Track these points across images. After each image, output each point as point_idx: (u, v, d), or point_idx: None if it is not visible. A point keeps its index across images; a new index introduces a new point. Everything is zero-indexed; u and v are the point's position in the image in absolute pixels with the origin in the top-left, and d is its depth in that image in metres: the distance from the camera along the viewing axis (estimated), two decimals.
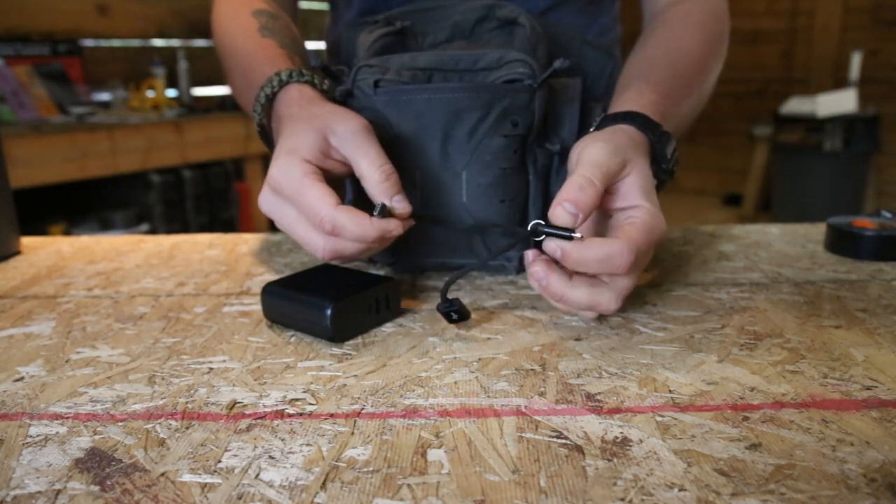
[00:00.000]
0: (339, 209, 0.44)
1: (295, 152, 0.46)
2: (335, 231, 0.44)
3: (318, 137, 0.47)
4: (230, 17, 0.64)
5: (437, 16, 0.62)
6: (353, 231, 0.44)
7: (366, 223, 0.44)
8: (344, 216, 0.44)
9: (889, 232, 0.60)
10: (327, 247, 0.45)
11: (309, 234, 0.46)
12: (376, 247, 0.47)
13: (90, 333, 0.47)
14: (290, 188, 0.45)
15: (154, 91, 2.64)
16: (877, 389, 0.37)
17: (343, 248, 0.45)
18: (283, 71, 0.53)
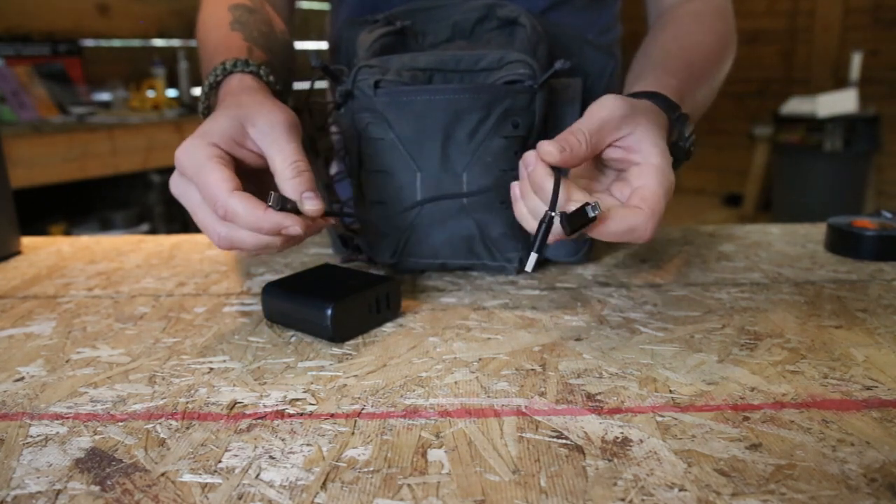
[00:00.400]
0: (235, 194, 0.42)
1: (204, 135, 0.45)
2: (228, 216, 0.42)
3: (235, 125, 0.45)
4: (210, 11, 0.64)
5: (437, 15, 0.62)
6: (245, 219, 0.42)
7: (259, 213, 0.42)
8: (238, 202, 0.42)
9: (889, 232, 0.60)
10: (222, 234, 0.43)
11: (207, 218, 0.44)
12: (276, 243, 0.44)
13: (90, 333, 0.47)
14: (192, 170, 0.43)
15: (154, 91, 2.64)
16: (877, 389, 0.37)
17: (238, 239, 0.43)
18: (228, 61, 0.52)
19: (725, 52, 0.64)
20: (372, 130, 0.53)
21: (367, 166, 0.55)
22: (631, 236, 0.41)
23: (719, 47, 0.63)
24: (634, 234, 0.41)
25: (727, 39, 0.65)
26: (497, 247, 0.55)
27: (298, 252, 0.66)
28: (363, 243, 0.59)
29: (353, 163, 0.56)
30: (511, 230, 0.55)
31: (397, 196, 0.54)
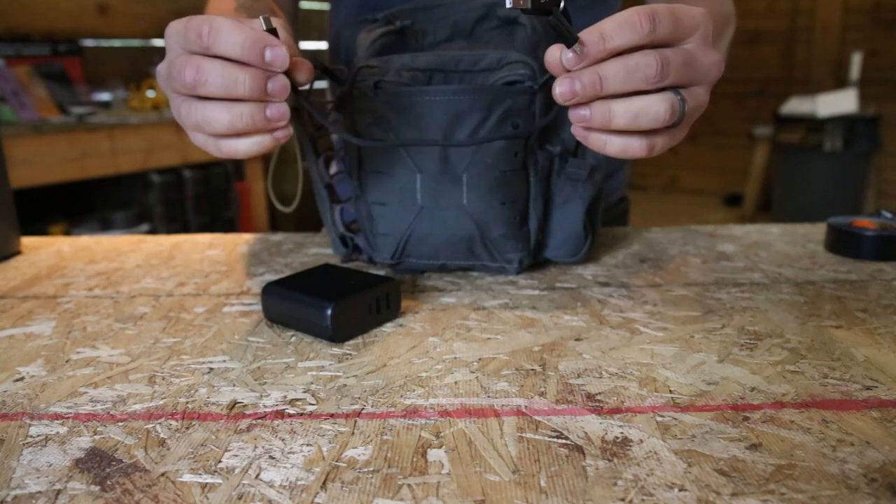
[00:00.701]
0: (223, 17, 0.39)
1: None
2: (210, 37, 0.38)
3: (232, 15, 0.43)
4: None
5: (437, 14, 0.62)
6: (228, 33, 0.38)
7: (245, 28, 0.38)
8: (223, 20, 0.38)
9: (889, 232, 0.60)
10: (190, 63, 0.39)
11: (180, 58, 0.40)
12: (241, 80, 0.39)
13: (90, 333, 0.47)
14: (179, 25, 0.40)
15: (154, 91, 2.64)
16: (877, 389, 0.37)
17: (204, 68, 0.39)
18: None
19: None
20: (372, 131, 0.53)
21: (366, 167, 0.55)
22: (630, 28, 0.38)
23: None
24: (631, 23, 0.38)
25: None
26: (497, 247, 0.55)
27: (298, 252, 0.66)
28: (363, 243, 0.59)
29: (352, 163, 0.56)
30: (511, 231, 0.55)
31: (397, 197, 0.54)
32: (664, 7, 0.39)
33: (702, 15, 0.41)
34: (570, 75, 0.40)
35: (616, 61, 0.39)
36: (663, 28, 0.39)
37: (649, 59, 0.39)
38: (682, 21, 0.40)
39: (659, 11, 0.39)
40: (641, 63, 0.39)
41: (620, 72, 0.39)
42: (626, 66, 0.39)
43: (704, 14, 0.41)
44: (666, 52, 0.39)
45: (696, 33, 0.41)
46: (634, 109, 0.40)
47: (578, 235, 0.57)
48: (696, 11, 0.41)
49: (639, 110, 0.40)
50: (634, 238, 0.69)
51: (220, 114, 0.40)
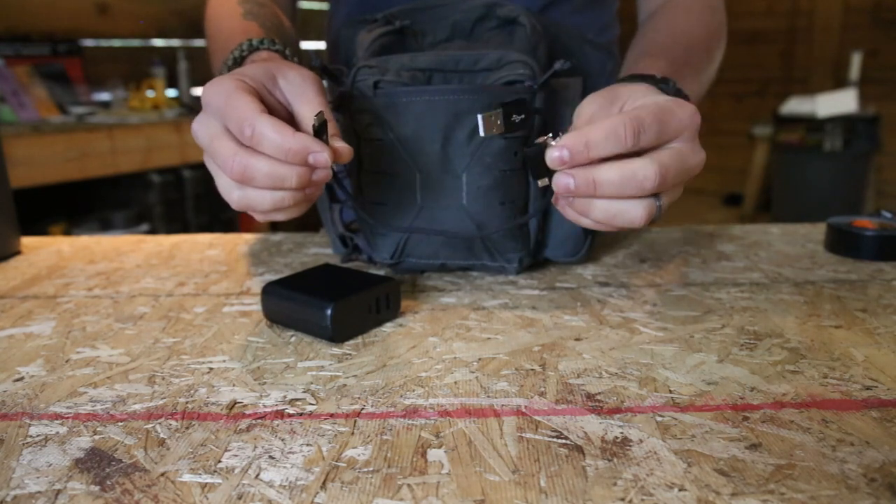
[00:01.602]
0: (266, 116, 0.40)
1: (233, 74, 0.44)
2: (255, 137, 0.40)
3: (266, 73, 0.45)
4: (218, 5, 0.65)
5: (436, 14, 0.62)
6: (273, 139, 0.40)
7: (288, 133, 0.40)
8: (267, 122, 0.40)
9: (889, 232, 0.60)
10: (238, 161, 0.41)
11: (224, 146, 0.42)
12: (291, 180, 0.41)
13: (90, 333, 0.47)
14: (220, 100, 0.42)
15: (154, 91, 2.64)
16: (877, 389, 0.37)
17: (254, 167, 0.41)
18: (254, 38, 0.53)
19: (715, 44, 0.64)
20: (371, 131, 0.53)
21: (366, 167, 0.55)
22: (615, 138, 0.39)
23: (709, 39, 0.63)
24: (616, 134, 0.39)
25: (717, 33, 0.65)
26: (497, 247, 0.55)
27: (298, 252, 0.66)
28: (363, 243, 0.59)
29: (352, 163, 0.56)
30: (510, 231, 0.55)
31: (397, 197, 0.54)
32: (650, 114, 0.40)
33: (689, 117, 0.42)
34: (567, 172, 0.41)
35: (613, 168, 0.40)
36: (647, 137, 0.40)
37: (648, 172, 0.40)
38: (668, 126, 0.41)
39: (645, 122, 0.40)
40: (639, 175, 0.40)
41: (615, 179, 0.40)
42: (623, 174, 0.40)
43: (692, 114, 0.42)
44: (665, 162, 0.40)
45: (683, 134, 0.42)
46: (613, 210, 0.41)
47: (578, 235, 0.57)
48: (683, 114, 0.42)
49: (617, 212, 0.41)
50: (634, 238, 0.69)
51: (265, 199, 0.42)
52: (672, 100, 0.42)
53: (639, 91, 0.44)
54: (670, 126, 0.41)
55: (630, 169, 0.40)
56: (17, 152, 1.91)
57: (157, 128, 2.29)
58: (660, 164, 0.40)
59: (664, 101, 0.42)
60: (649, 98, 0.43)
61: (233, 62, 0.52)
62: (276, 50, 0.53)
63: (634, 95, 0.44)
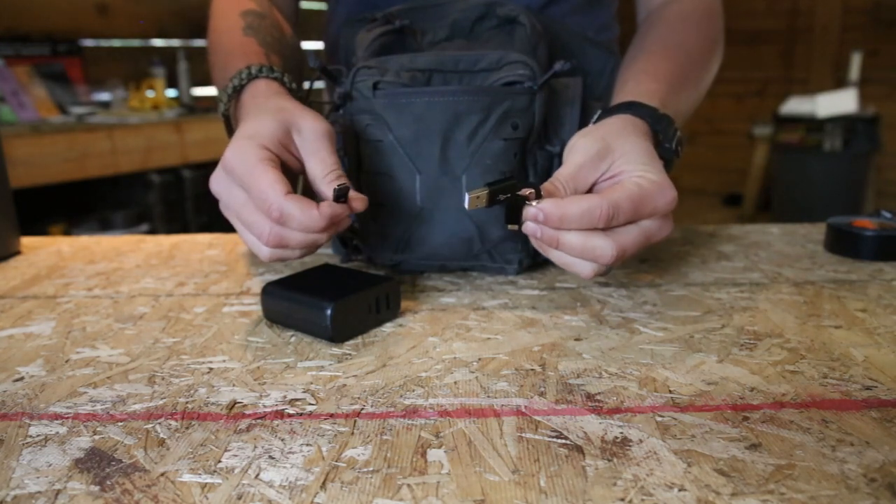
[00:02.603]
0: (289, 197, 0.43)
1: (254, 137, 0.46)
2: (282, 220, 0.43)
3: (282, 128, 0.47)
4: (220, 16, 0.65)
5: (436, 13, 0.62)
6: (300, 220, 0.43)
7: (314, 212, 0.43)
8: (292, 205, 0.43)
9: (889, 232, 0.60)
10: (273, 232, 0.44)
11: (255, 217, 0.45)
12: (322, 240, 0.46)
13: (90, 333, 0.47)
14: (243, 171, 0.44)
15: (154, 91, 2.64)
16: (877, 389, 0.37)
17: (288, 238, 0.44)
18: (253, 65, 0.53)
19: (712, 54, 0.64)
20: (371, 132, 0.53)
21: (365, 168, 0.55)
22: (589, 218, 0.42)
23: (705, 49, 0.63)
24: (591, 215, 0.42)
25: (715, 41, 0.65)
26: (496, 248, 0.55)
27: None
28: (363, 243, 0.59)
29: (352, 164, 0.56)
30: (510, 232, 0.55)
31: (397, 198, 0.54)
32: (628, 200, 0.43)
33: (665, 203, 0.44)
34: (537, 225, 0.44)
35: (578, 237, 0.43)
36: (619, 221, 0.43)
37: (606, 251, 0.43)
38: (643, 211, 0.44)
39: (620, 208, 0.42)
40: (598, 251, 0.43)
41: (576, 246, 0.43)
42: (585, 245, 0.43)
43: (669, 200, 0.44)
44: (624, 244, 0.43)
45: (656, 215, 0.45)
46: (567, 261, 0.45)
47: None
48: (660, 200, 0.44)
49: (569, 264, 0.45)
50: None
51: (296, 254, 0.47)
52: (654, 181, 0.44)
53: (632, 152, 0.45)
54: (644, 211, 0.44)
55: (591, 244, 0.43)
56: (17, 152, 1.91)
57: (157, 128, 2.29)
58: (619, 246, 0.43)
59: (647, 182, 0.44)
60: (637, 170, 0.44)
61: (232, 90, 0.53)
62: (274, 78, 0.53)
63: (626, 156, 0.45)
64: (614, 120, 0.49)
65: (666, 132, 0.50)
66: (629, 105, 0.50)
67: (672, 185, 0.45)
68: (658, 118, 0.50)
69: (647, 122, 0.49)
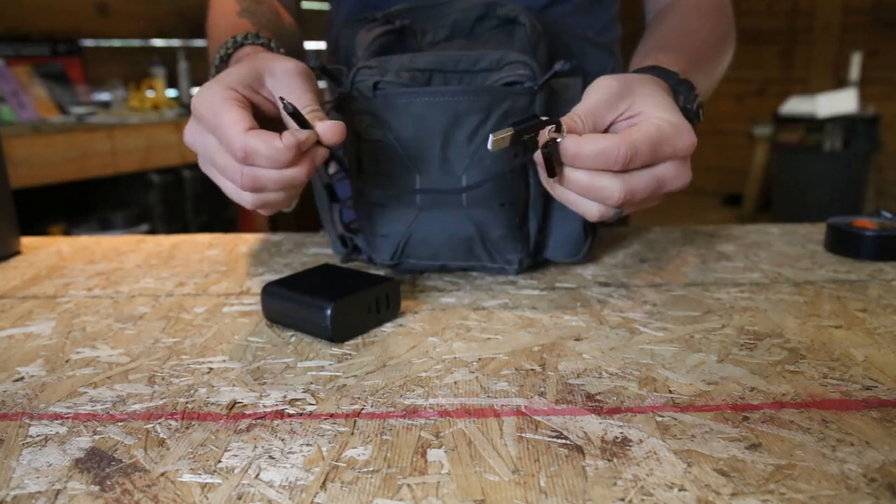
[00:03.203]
0: (251, 133, 0.42)
1: (220, 80, 0.45)
2: (248, 158, 0.42)
3: (252, 73, 0.46)
4: (217, 6, 0.65)
5: (436, 13, 0.62)
6: (265, 153, 0.42)
7: (277, 143, 0.42)
8: (254, 139, 0.42)
9: (889, 232, 0.60)
10: (245, 174, 0.43)
11: (226, 160, 0.43)
12: (301, 175, 0.44)
13: (90, 333, 0.47)
14: (209, 113, 0.43)
15: (154, 91, 2.64)
16: (877, 389, 0.37)
17: (261, 177, 0.43)
18: (239, 35, 0.53)
19: (724, 44, 0.64)
20: (371, 132, 0.53)
21: (366, 168, 0.55)
22: (604, 158, 0.41)
23: (718, 39, 0.63)
24: (607, 155, 0.41)
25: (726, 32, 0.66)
26: (496, 249, 0.55)
27: (298, 252, 0.66)
28: (363, 243, 0.59)
29: (351, 164, 0.56)
30: (510, 232, 0.55)
31: (397, 198, 0.54)
32: (647, 141, 0.41)
33: (685, 145, 0.43)
34: None
35: (584, 174, 0.42)
36: (636, 164, 0.42)
37: (613, 190, 0.42)
38: (661, 153, 0.42)
39: (639, 150, 0.41)
40: (606, 189, 0.42)
41: (583, 182, 0.43)
42: (591, 184, 0.42)
43: (688, 143, 0.43)
44: (634, 187, 0.42)
45: (675, 158, 0.44)
46: (569, 198, 0.45)
47: (578, 236, 0.57)
48: (679, 142, 0.43)
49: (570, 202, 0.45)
50: (634, 238, 0.69)
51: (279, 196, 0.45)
52: (674, 123, 0.43)
53: (652, 95, 0.44)
54: (663, 153, 0.43)
55: (599, 183, 0.42)
56: (17, 152, 1.91)
57: (157, 128, 2.29)
58: (628, 187, 0.42)
59: (667, 124, 0.43)
60: (656, 112, 0.43)
61: (219, 61, 0.52)
62: (259, 43, 0.52)
63: (646, 98, 0.44)
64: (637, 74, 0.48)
65: (687, 95, 0.49)
66: (650, 68, 0.50)
67: (691, 130, 0.43)
68: (679, 81, 0.49)
69: (668, 84, 0.49)
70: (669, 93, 0.48)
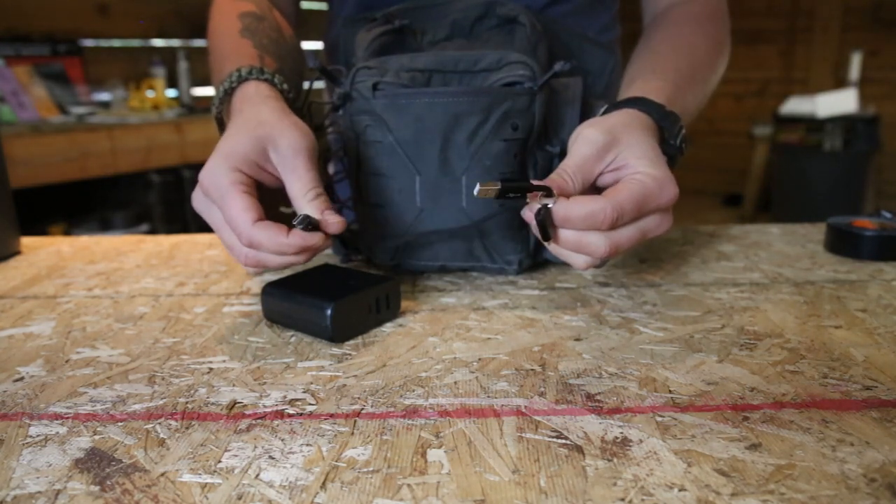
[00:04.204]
0: (258, 226, 0.44)
1: (229, 157, 0.46)
2: (253, 245, 0.44)
3: (257, 147, 0.47)
4: (219, 18, 0.65)
5: (436, 13, 0.62)
6: (269, 247, 0.44)
7: (282, 239, 0.44)
8: (260, 233, 0.44)
9: (889, 232, 0.60)
10: (249, 256, 0.45)
11: (232, 239, 0.46)
12: (301, 259, 0.46)
13: (90, 333, 0.47)
14: (216, 194, 0.45)
15: (154, 91, 2.64)
16: (877, 389, 0.37)
17: (265, 260, 0.46)
18: (243, 67, 0.53)
19: (718, 55, 0.64)
20: (370, 133, 0.53)
21: (365, 169, 0.55)
22: (592, 221, 0.42)
23: (712, 50, 0.63)
24: (595, 218, 0.42)
25: (721, 43, 0.65)
26: (496, 249, 0.55)
27: None
28: (362, 244, 0.59)
29: (351, 165, 0.56)
30: (510, 233, 0.54)
31: (396, 199, 0.54)
32: (632, 200, 0.43)
33: (668, 198, 0.44)
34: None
35: (573, 233, 0.44)
36: (623, 221, 0.43)
37: (599, 246, 0.43)
38: (646, 209, 0.44)
39: (625, 210, 0.42)
40: (592, 244, 0.43)
41: (571, 240, 0.44)
42: (580, 241, 0.44)
43: (671, 195, 0.44)
44: (617, 241, 0.43)
45: (658, 211, 0.45)
46: (559, 252, 0.45)
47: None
48: (663, 196, 0.44)
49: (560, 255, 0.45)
50: None
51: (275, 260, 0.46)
52: (657, 178, 0.44)
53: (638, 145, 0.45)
54: (647, 208, 0.44)
55: (586, 240, 0.43)
56: (17, 152, 1.91)
57: (157, 128, 2.29)
58: (613, 242, 0.43)
59: (650, 179, 0.44)
60: (640, 165, 0.45)
61: (223, 93, 0.53)
62: (264, 80, 0.53)
63: (631, 149, 0.45)
64: (621, 113, 0.49)
65: (671, 129, 0.50)
66: (636, 100, 0.50)
67: (674, 181, 0.45)
68: (664, 115, 0.50)
69: (652, 118, 0.49)
70: (654, 132, 0.49)
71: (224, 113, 0.55)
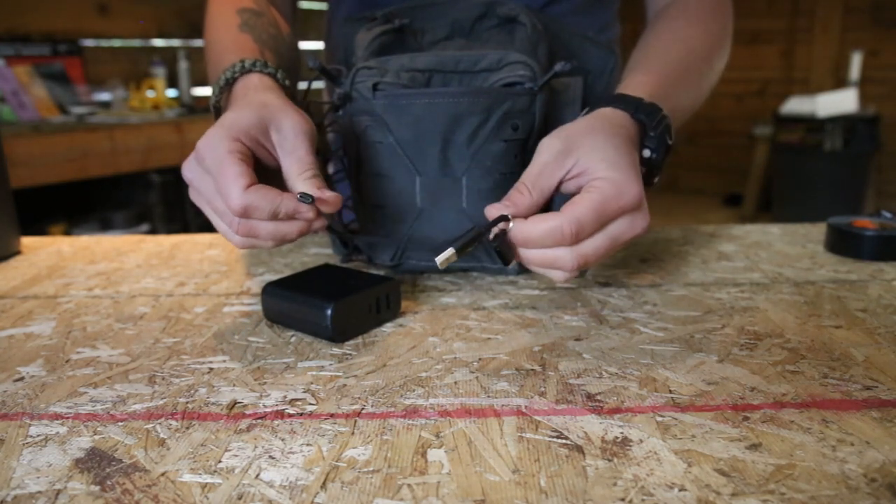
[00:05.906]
0: (251, 189, 0.43)
1: (230, 128, 0.45)
2: (245, 212, 0.43)
3: (260, 123, 0.46)
4: (216, 13, 0.65)
5: (436, 13, 0.62)
6: (264, 207, 0.43)
7: (276, 199, 0.43)
8: (254, 195, 0.43)
9: (889, 232, 0.60)
10: (241, 224, 0.44)
11: (223, 208, 0.45)
12: (292, 232, 0.45)
13: (90, 333, 0.47)
14: (212, 161, 0.44)
15: (154, 91, 2.64)
16: (877, 389, 0.37)
17: (257, 228, 0.44)
18: (247, 59, 0.53)
19: (716, 49, 0.63)
20: (370, 133, 0.53)
21: (365, 169, 0.55)
22: (553, 238, 0.42)
23: (710, 46, 0.62)
24: (555, 235, 0.41)
25: (720, 37, 0.64)
26: None
27: (298, 252, 0.66)
28: (363, 244, 0.59)
29: (351, 165, 0.56)
30: None
31: (397, 200, 0.54)
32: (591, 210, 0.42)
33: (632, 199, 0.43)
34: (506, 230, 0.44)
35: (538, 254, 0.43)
36: (586, 233, 0.43)
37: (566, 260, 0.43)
38: (608, 214, 0.43)
39: (585, 222, 0.42)
40: (559, 260, 0.43)
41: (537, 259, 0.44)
42: (545, 258, 0.43)
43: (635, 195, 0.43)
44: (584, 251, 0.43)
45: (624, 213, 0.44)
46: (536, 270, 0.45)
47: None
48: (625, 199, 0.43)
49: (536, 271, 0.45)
50: None
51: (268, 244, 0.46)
52: (616, 182, 0.43)
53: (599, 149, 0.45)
54: (610, 214, 0.43)
55: (552, 255, 0.43)
56: (17, 152, 1.91)
57: (157, 128, 2.29)
58: (579, 254, 0.43)
59: (608, 184, 0.43)
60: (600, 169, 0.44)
61: (224, 83, 0.52)
62: (267, 73, 0.53)
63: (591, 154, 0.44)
64: (591, 116, 0.48)
65: (651, 121, 0.49)
66: (613, 98, 0.50)
67: (635, 180, 0.43)
68: (641, 107, 0.49)
69: (628, 113, 0.49)
70: (624, 129, 0.47)
71: (223, 102, 0.55)
